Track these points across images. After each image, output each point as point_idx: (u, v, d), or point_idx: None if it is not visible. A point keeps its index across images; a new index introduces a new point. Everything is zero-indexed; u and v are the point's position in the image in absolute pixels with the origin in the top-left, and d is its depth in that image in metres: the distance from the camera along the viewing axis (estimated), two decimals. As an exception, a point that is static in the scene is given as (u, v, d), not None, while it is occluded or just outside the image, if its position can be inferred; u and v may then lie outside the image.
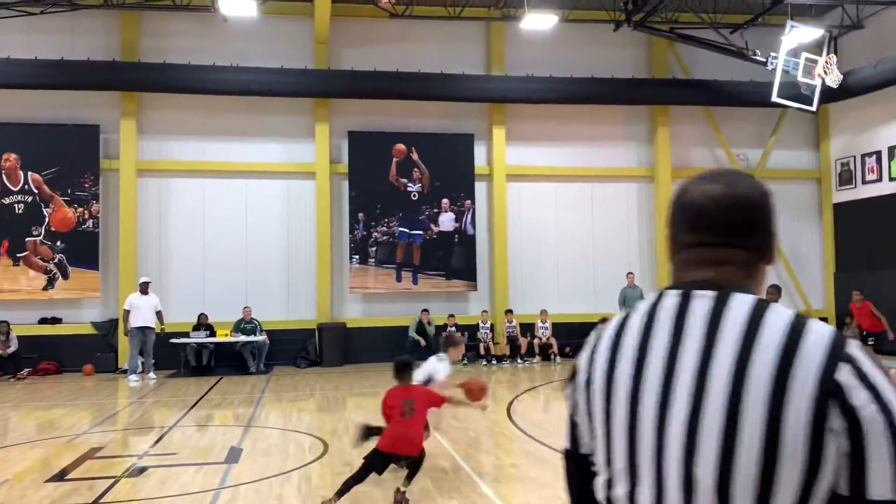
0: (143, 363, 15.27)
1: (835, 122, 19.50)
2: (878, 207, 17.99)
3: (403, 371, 6.46)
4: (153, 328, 15.16)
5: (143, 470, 7.31)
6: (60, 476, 7.10)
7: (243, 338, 16.11)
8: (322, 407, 11.35)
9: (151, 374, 15.10)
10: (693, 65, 19.03)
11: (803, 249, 19.69)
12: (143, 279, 15.48)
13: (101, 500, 6.24)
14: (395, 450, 5.98)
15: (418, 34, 18.24)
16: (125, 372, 15.40)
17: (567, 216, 18.84)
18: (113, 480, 6.89)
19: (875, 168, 18.17)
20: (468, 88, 17.67)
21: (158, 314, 15.25)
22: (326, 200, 17.62)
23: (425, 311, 17.32)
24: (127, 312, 14.98)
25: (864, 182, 18.56)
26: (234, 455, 7.90)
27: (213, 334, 16.12)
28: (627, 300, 17.45)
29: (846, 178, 19.13)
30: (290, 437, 8.86)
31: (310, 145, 17.77)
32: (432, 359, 7.27)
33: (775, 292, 10.09)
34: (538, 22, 16.65)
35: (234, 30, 17.36)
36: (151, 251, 17.17)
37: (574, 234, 18.83)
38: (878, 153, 18.07)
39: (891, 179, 17.68)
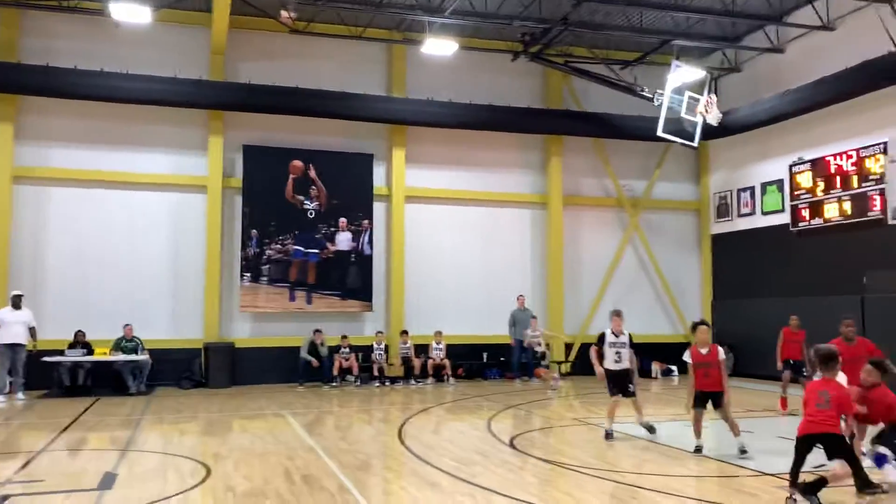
0: (10, 382, 14.25)
1: (714, 157, 20.74)
2: (752, 239, 19.21)
3: (828, 363, 6.60)
4: (24, 345, 14.20)
5: (4, 499, 6.79)
6: None
7: (123, 357, 15.33)
8: (206, 430, 10.92)
9: (20, 395, 14.10)
10: (585, 98, 19.80)
11: (684, 277, 20.74)
12: (14, 293, 14.52)
13: (-46, 533, 5.75)
14: (807, 431, 6.37)
15: (319, 51, 18.12)
16: (-11, 392, 14.34)
17: (463, 239, 19.09)
18: (-31, 510, 6.37)
19: (749, 202, 19.42)
20: (368, 108, 17.68)
21: (31, 330, 14.32)
22: (218, 216, 17.11)
23: (318, 331, 17.04)
24: None
25: (739, 215, 19.79)
26: (107, 481, 7.46)
27: (90, 352, 15.25)
28: (517, 322, 17.81)
29: (723, 211, 20.34)
30: (170, 462, 8.47)
31: (202, 158, 17.25)
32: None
33: (616, 317, 10.23)
34: (439, 47, 16.90)
35: (127, 36, 16.67)
36: (25, 263, 16.11)
37: (470, 257, 19.10)
38: (752, 188, 19.32)
39: (763, 213, 18.92)
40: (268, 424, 11.32)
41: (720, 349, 8.92)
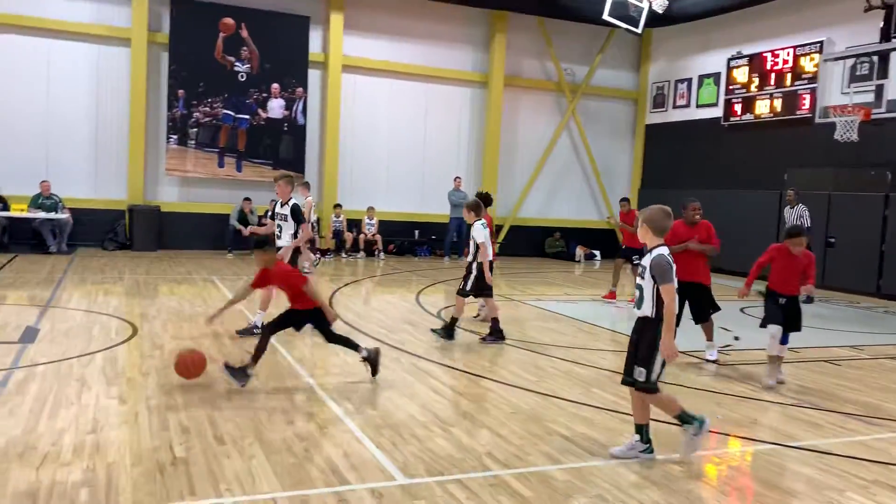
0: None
1: (656, 46, 20.64)
2: (684, 131, 19.52)
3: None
4: None
5: (-81, 348, 6.63)
6: None
7: (42, 214, 14.76)
8: (132, 291, 10.77)
9: None
10: (534, -27, 19.14)
11: (615, 165, 21.06)
12: None
13: None
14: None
15: None
16: None
17: (400, 114, 18.72)
18: None
19: (685, 94, 19.59)
20: (306, -33, 16.66)
21: None
22: (143, 72, 16.20)
23: (247, 199, 16.75)
24: None
25: (674, 106, 19.99)
26: (29, 335, 7.36)
27: (6, 208, 14.62)
28: (451, 203, 17.86)
29: (659, 102, 20.49)
30: (95, 319, 8.38)
31: (125, 8, 16.10)
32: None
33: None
34: None
35: None
36: (-71, 110, 15.04)
37: (406, 133, 18.81)
38: (690, 80, 19.45)
39: (698, 106, 19.16)
40: (196, 289, 11.25)
41: None
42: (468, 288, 8.19)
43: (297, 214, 8.08)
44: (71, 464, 4.12)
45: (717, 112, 18.18)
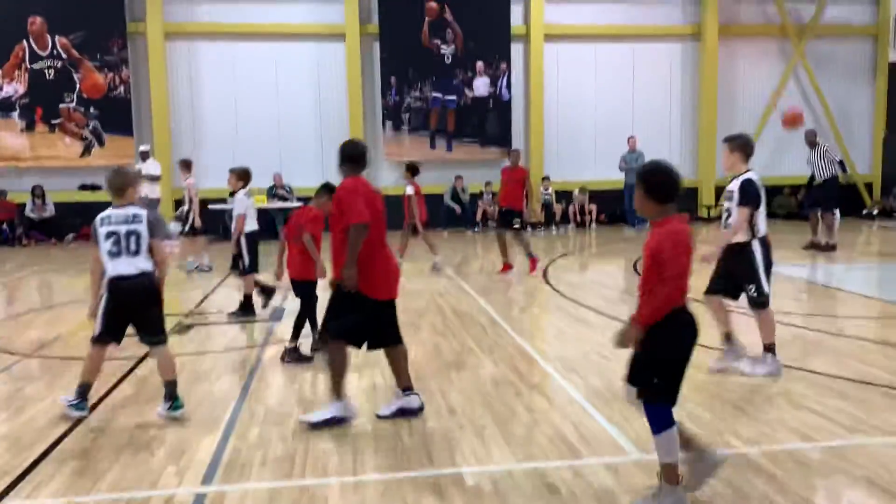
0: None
1: (899, -29, 18.13)
2: (939, 66, 17.00)
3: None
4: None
5: (189, 327, 7.53)
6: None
7: (279, 203, 16.18)
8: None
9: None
10: None
11: (853, 110, 18.86)
12: (142, 147, 14.29)
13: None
14: None
15: None
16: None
17: (606, 79, 18.14)
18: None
19: (939, 22, 17.03)
20: (504, -60, 16.60)
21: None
22: (357, 63, 17.13)
23: (459, 177, 17.18)
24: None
25: (925, 38, 17.47)
26: (276, 314, 8.09)
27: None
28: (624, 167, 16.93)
29: (906, 35, 17.99)
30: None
31: (338, 5, 17.09)
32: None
33: None
34: None
35: None
36: (184, 117, 17.04)
37: (613, 98, 18.20)
38: (945, 6, 16.87)
39: (955, 35, 16.59)
40: (416, 266, 11.73)
41: None
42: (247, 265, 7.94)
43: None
44: (321, 433, 4.42)
45: (983, 38, 15.59)
